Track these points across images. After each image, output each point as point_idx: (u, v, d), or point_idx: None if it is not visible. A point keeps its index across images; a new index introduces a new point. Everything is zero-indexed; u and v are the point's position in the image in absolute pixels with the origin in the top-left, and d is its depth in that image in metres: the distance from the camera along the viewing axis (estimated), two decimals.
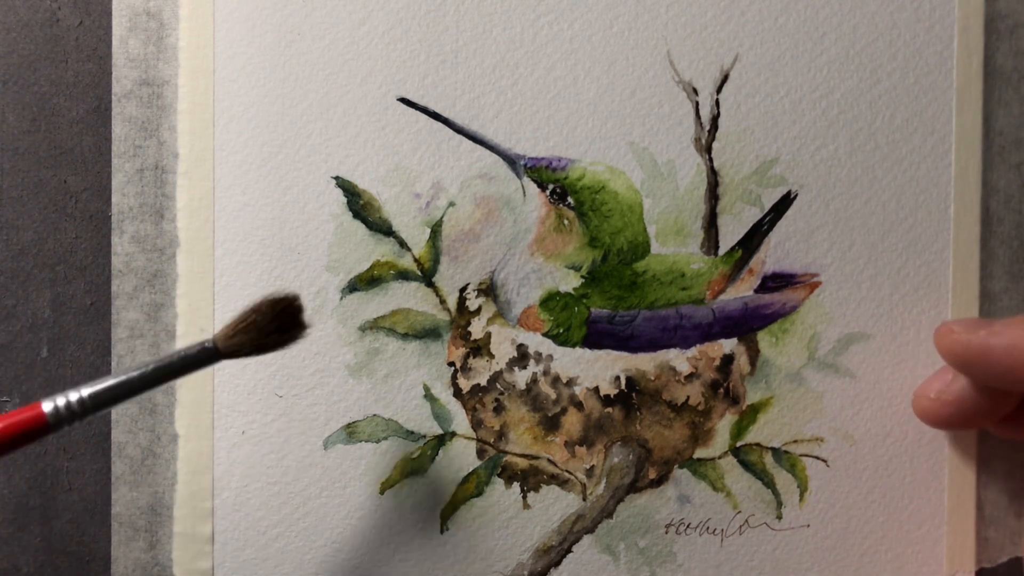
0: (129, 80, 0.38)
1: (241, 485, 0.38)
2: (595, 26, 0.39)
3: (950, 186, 0.39)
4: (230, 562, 0.38)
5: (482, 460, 0.39)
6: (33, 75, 0.39)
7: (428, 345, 0.39)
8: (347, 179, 0.38)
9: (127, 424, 0.38)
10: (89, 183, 0.39)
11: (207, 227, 0.38)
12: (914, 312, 0.39)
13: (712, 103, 0.39)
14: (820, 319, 0.39)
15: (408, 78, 0.38)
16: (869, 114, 0.39)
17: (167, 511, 0.38)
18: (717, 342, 0.39)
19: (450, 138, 0.38)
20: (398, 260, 0.39)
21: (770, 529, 0.39)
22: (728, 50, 0.39)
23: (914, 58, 0.39)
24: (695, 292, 0.39)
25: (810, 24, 0.39)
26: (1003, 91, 0.39)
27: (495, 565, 0.39)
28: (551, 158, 0.39)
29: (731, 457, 0.39)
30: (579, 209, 0.39)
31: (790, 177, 0.39)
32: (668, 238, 0.39)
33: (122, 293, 0.38)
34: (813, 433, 0.39)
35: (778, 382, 0.39)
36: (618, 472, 0.39)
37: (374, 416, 0.38)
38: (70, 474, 0.39)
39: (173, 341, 0.38)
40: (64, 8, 0.39)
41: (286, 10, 0.38)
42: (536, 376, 0.39)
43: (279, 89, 0.38)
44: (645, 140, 0.39)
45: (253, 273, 0.38)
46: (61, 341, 0.39)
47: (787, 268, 0.39)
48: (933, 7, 0.39)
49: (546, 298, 0.39)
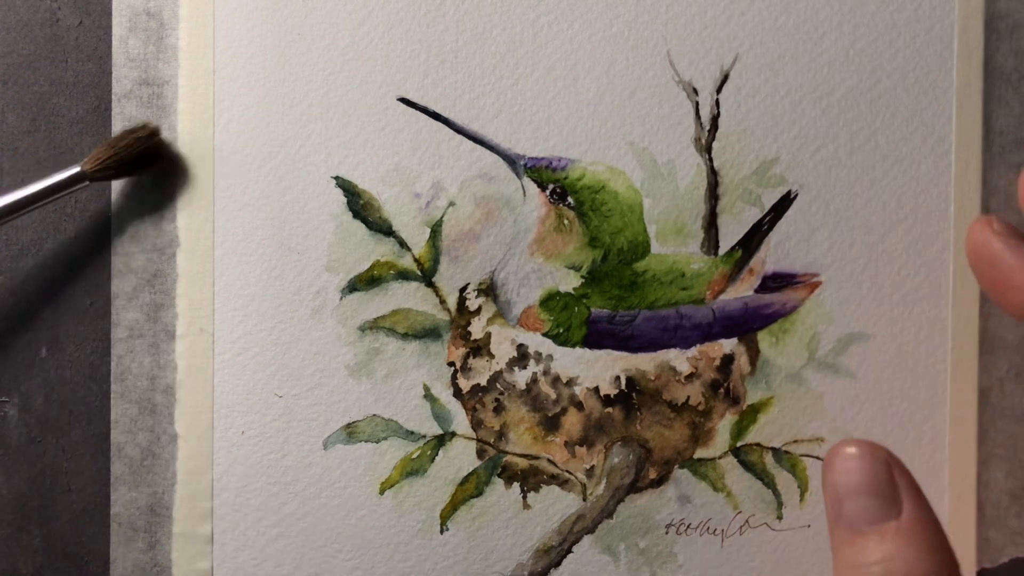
0: (129, 80, 0.38)
1: (241, 485, 0.38)
2: (595, 26, 0.39)
3: (950, 186, 0.39)
4: (229, 562, 0.38)
5: (482, 460, 0.39)
6: (33, 75, 0.39)
7: (428, 345, 0.39)
8: (347, 179, 0.38)
9: (126, 424, 0.38)
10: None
11: (207, 227, 0.38)
12: (914, 312, 0.39)
13: (712, 103, 0.39)
14: (820, 319, 0.39)
15: (408, 78, 0.38)
16: (869, 114, 0.39)
17: (166, 511, 0.38)
18: (717, 342, 0.39)
19: (450, 138, 0.38)
20: (398, 260, 0.39)
21: (770, 529, 0.39)
22: (728, 50, 0.39)
23: (914, 58, 0.39)
24: (695, 292, 0.39)
25: (810, 24, 0.39)
26: (1003, 91, 0.39)
27: (495, 565, 0.39)
28: (551, 158, 0.39)
29: (731, 457, 0.39)
30: (579, 209, 0.39)
31: (790, 177, 0.39)
32: (668, 238, 0.39)
33: (122, 293, 0.38)
34: (813, 433, 0.39)
35: (778, 382, 0.39)
36: (618, 472, 0.39)
37: (374, 416, 0.38)
38: (69, 475, 0.39)
39: (173, 341, 0.38)
40: (64, 8, 0.39)
41: (286, 10, 0.38)
42: (536, 376, 0.39)
43: (279, 89, 0.38)
44: (645, 140, 0.39)
45: (253, 273, 0.38)
46: (61, 341, 0.39)
47: (787, 268, 0.39)
48: (933, 7, 0.39)
49: (546, 298, 0.39)
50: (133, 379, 0.38)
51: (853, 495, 0.26)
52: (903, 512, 0.26)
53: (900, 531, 0.26)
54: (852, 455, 0.27)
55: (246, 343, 0.38)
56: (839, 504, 0.27)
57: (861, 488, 0.26)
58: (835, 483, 0.27)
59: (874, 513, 0.26)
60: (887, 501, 0.26)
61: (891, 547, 0.25)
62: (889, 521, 0.26)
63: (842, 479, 0.27)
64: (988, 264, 0.31)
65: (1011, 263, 0.30)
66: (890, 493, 0.26)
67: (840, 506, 0.27)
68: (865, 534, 0.26)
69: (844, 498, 0.26)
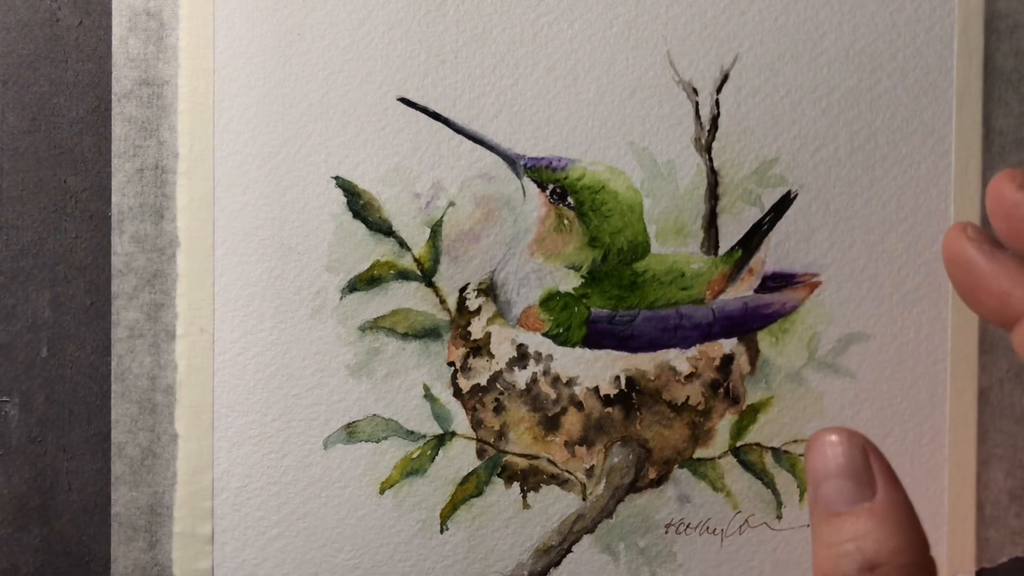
0: (129, 80, 0.38)
1: (241, 485, 0.38)
2: (595, 26, 0.39)
3: (950, 186, 0.39)
4: (230, 562, 0.38)
5: (482, 460, 0.39)
6: (33, 75, 0.39)
7: (428, 345, 0.39)
8: (347, 179, 0.38)
9: (127, 424, 0.38)
10: (89, 183, 0.39)
11: (207, 227, 0.38)
12: (914, 312, 0.39)
13: (712, 103, 0.39)
14: (820, 319, 0.39)
15: (408, 78, 0.38)
16: (869, 114, 0.39)
17: (167, 511, 0.38)
18: (717, 342, 0.39)
19: (450, 138, 0.38)
20: (398, 260, 0.39)
21: (770, 529, 0.39)
22: (728, 50, 0.39)
23: (914, 58, 0.39)
24: (695, 292, 0.39)
25: (810, 24, 0.39)
26: (1003, 91, 0.39)
27: (495, 565, 0.39)
28: (551, 158, 0.39)
29: (731, 457, 0.39)
30: (579, 209, 0.39)
31: (790, 177, 0.39)
32: (668, 238, 0.39)
33: (122, 293, 0.38)
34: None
35: (778, 382, 0.39)
36: (618, 472, 0.39)
37: (374, 416, 0.38)
38: (70, 474, 0.39)
39: (173, 341, 0.38)
40: (64, 8, 0.39)
41: (286, 10, 0.38)
42: (536, 376, 0.39)
43: (279, 89, 0.38)
44: (645, 140, 0.39)
45: (253, 273, 0.38)
46: (61, 341, 0.39)
47: (787, 268, 0.39)
48: (933, 7, 0.39)
49: (546, 298, 0.39)
50: (133, 379, 0.38)
51: (831, 478, 0.28)
52: (876, 494, 0.27)
53: (873, 512, 0.27)
54: (831, 441, 0.28)
55: (246, 343, 0.38)
56: (818, 486, 0.28)
57: (838, 471, 0.28)
58: (815, 467, 0.28)
59: (850, 495, 0.27)
60: (862, 484, 0.27)
61: (864, 526, 0.27)
62: (863, 502, 0.27)
63: (821, 463, 0.28)
64: (963, 270, 0.32)
65: (985, 268, 0.31)
66: (865, 477, 0.27)
67: (819, 488, 0.28)
68: (841, 515, 0.27)
69: (822, 481, 0.28)
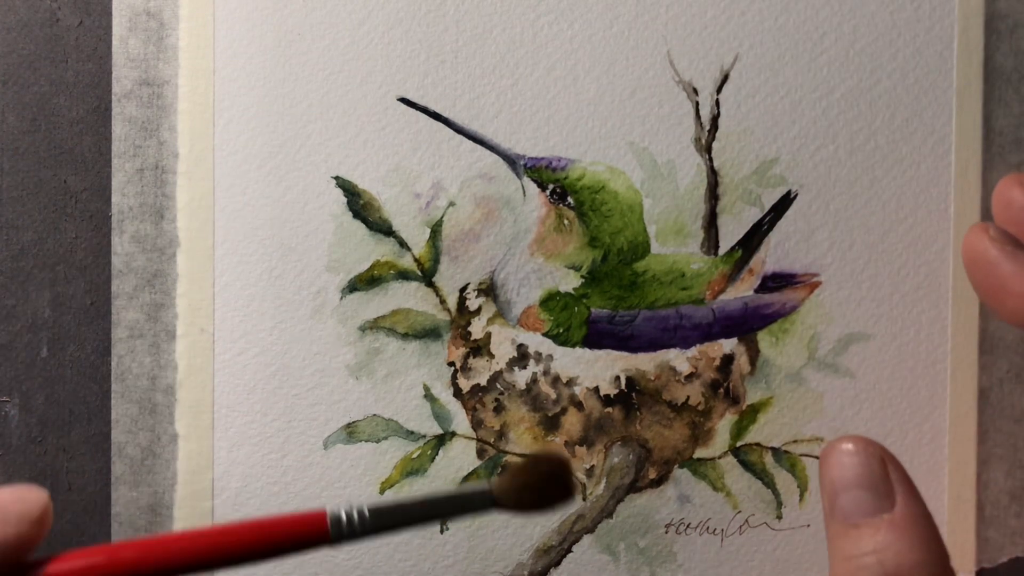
0: (129, 80, 0.38)
1: (241, 485, 0.38)
2: (595, 26, 0.39)
3: (950, 186, 0.39)
4: None
5: (482, 460, 0.39)
6: (33, 75, 0.39)
7: (428, 345, 0.39)
8: (347, 179, 0.38)
9: (127, 424, 0.38)
10: (89, 183, 0.39)
11: (207, 227, 0.38)
12: (914, 312, 0.39)
13: (712, 103, 0.39)
14: (820, 319, 0.39)
15: (408, 78, 0.38)
16: (869, 114, 0.39)
17: (167, 511, 0.38)
18: (717, 342, 0.39)
19: (450, 138, 0.38)
20: (398, 260, 0.39)
21: (770, 529, 0.39)
22: (728, 50, 0.39)
23: (914, 58, 0.39)
24: (695, 292, 0.39)
25: (810, 24, 0.39)
26: (1003, 91, 0.39)
27: (495, 565, 0.39)
28: (551, 158, 0.39)
29: (731, 457, 0.39)
30: (579, 209, 0.39)
31: (790, 177, 0.39)
32: (668, 238, 0.39)
33: (122, 293, 0.38)
34: (813, 433, 0.39)
35: (778, 382, 0.39)
36: (618, 472, 0.39)
37: (374, 416, 0.38)
38: (70, 474, 0.39)
39: (173, 341, 0.38)
40: (64, 8, 0.39)
41: (286, 10, 0.38)
42: (536, 376, 0.39)
43: (279, 89, 0.38)
44: (645, 140, 0.39)
45: (253, 273, 0.38)
46: (61, 341, 0.39)
47: (787, 268, 0.39)
48: (933, 7, 0.39)
49: (546, 298, 0.39)
50: (133, 379, 0.38)
51: (849, 489, 0.27)
52: (896, 505, 0.26)
53: (893, 523, 0.26)
54: (848, 451, 0.27)
55: (246, 343, 0.38)
56: (835, 497, 0.27)
57: (856, 482, 0.27)
58: (831, 477, 0.27)
59: (868, 506, 0.27)
60: (881, 495, 0.27)
61: (884, 538, 0.26)
62: (883, 514, 0.26)
63: (838, 473, 0.27)
64: (984, 271, 0.31)
65: (1007, 269, 0.31)
66: (884, 487, 0.27)
67: (836, 499, 0.27)
68: (859, 526, 0.26)
69: (840, 491, 0.27)
